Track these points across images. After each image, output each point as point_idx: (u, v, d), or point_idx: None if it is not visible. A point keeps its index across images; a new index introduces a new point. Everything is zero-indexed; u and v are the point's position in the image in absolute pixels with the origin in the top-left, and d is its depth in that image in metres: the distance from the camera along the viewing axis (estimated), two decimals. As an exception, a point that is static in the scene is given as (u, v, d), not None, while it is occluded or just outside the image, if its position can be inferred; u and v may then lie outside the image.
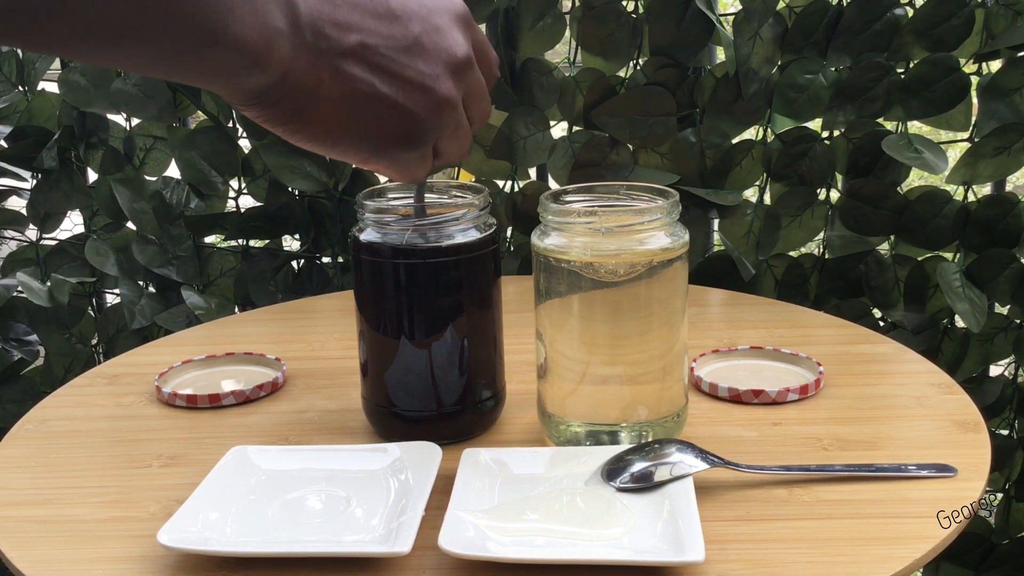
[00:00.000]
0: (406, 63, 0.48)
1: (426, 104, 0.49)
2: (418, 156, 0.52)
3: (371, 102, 0.47)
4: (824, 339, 0.92)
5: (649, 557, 0.55)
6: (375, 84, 0.47)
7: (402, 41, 0.47)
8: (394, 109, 0.48)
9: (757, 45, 1.15)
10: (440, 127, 0.51)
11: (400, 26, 0.47)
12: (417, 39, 0.48)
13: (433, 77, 0.49)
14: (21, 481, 0.70)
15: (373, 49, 0.47)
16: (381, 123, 0.49)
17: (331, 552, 0.57)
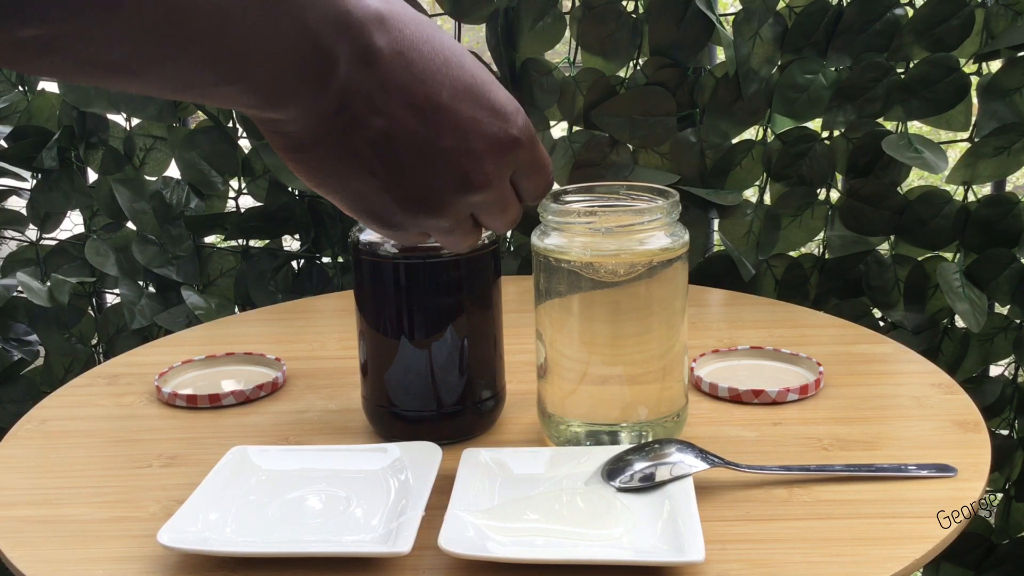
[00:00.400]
0: (415, 165, 0.44)
1: (410, 203, 0.45)
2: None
3: (362, 178, 0.44)
4: (824, 339, 0.92)
5: (649, 557, 0.55)
6: (374, 168, 0.43)
7: (426, 146, 0.43)
8: (380, 191, 0.44)
9: (757, 45, 1.15)
10: (417, 226, 0.47)
11: (432, 129, 0.43)
12: (442, 152, 0.44)
13: (432, 190, 0.45)
14: (21, 481, 0.70)
15: (393, 140, 0.43)
16: (365, 195, 0.45)
17: (331, 552, 0.57)
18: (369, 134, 0.42)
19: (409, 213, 0.45)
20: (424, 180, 0.44)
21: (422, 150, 0.43)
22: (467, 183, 0.45)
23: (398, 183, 0.44)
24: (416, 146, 0.43)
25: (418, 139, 0.43)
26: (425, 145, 0.43)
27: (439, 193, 0.45)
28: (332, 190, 0.45)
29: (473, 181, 0.45)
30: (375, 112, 0.42)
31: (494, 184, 0.46)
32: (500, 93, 0.46)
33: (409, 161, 0.43)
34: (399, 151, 0.43)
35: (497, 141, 0.45)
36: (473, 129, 0.44)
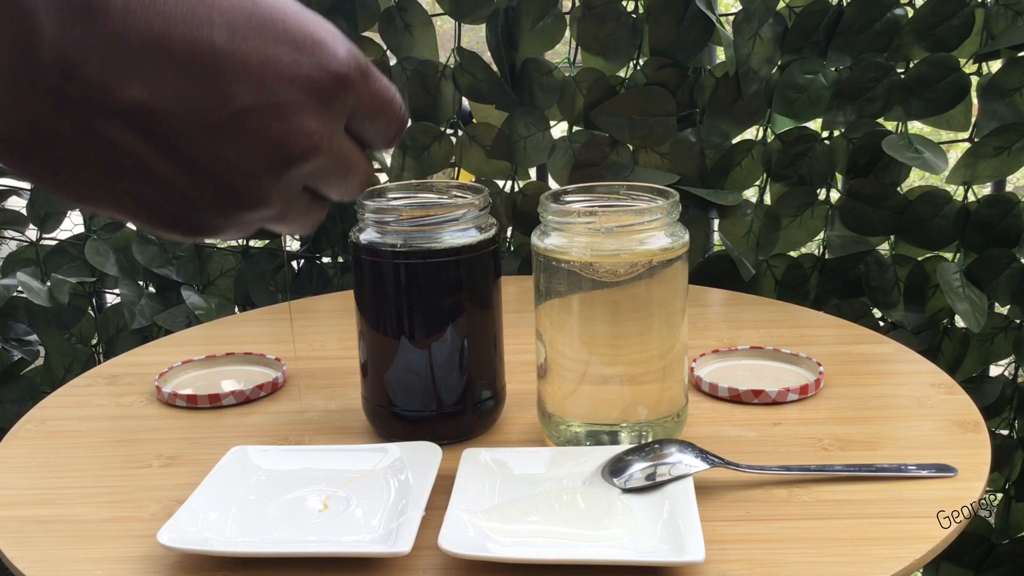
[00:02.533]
0: (206, 145, 0.31)
1: (222, 201, 0.33)
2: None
3: (135, 178, 0.32)
4: (824, 339, 0.92)
5: (649, 557, 0.55)
6: (148, 162, 0.31)
7: (212, 115, 0.31)
8: (169, 193, 0.32)
9: (757, 45, 1.15)
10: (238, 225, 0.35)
11: (218, 93, 0.31)
12: (237, 116, 0.31)
13: (243, 172, 0.32)
14: (21, 481, 0.70)
15: (159, 117, 0.30)
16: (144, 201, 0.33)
17: (331, 552, 0.57)
18: (121, 114, 0.30)
19: (221, 211, 0.34)
20: (225, 162, 0.32)
21: (209, 120, 0.31)
22: (285, 151, 0.33)
23: (190, 175, 0.32)
24: (198, 117, 0.31)
25: (198, 106, 0.31)
26: (210, 112, 0.31)
27: (252, 175, 0.33)
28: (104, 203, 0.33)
29: (293, 146, 0.33)
30: (119, 81, 0.29)
31: (323, 143, 0.34)
32: (304, 18, 0.33)
33: (196, 140, 0.31)
34: (176, 129, 0.31)
35: (314, 84, 0.33)
36: (275, 74, 0.32)
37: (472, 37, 1.37)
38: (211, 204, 0.33)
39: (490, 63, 1.22)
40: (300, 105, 0.33)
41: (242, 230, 0.36)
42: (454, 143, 1.27)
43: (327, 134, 0.34)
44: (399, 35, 1.23)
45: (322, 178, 0.36)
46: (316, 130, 0.33)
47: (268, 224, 0.36)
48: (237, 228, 0.35)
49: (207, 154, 0.32)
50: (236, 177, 0.32)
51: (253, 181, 0.33)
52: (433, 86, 1.25)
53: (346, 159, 0.36)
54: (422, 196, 0.74)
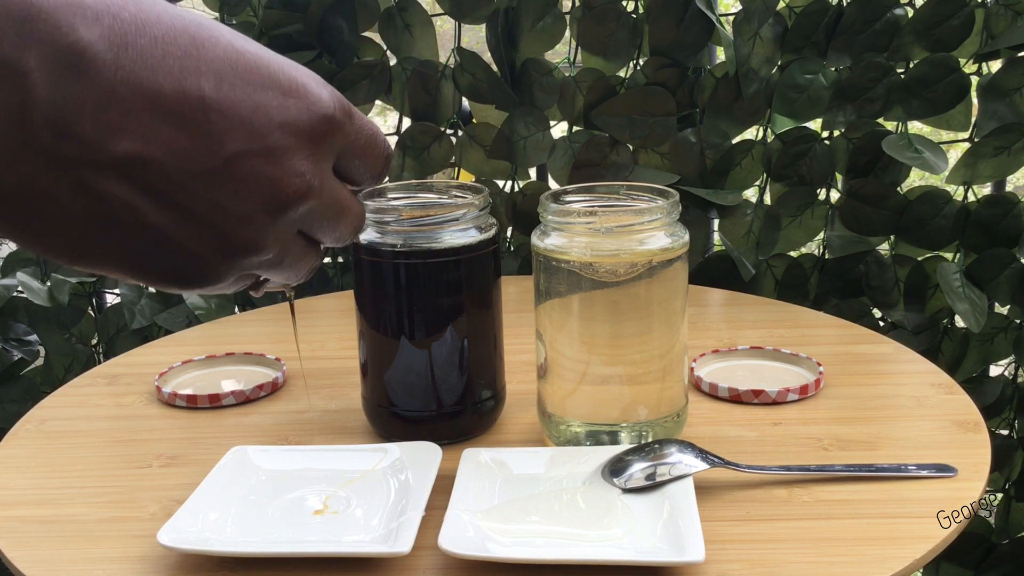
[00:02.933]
0: (200, 193, 0.32)
1: (218, 248, 0.34)
2: (205, 288, 0.36)
3: (130, 231, 0.32)
4: (824, 339, 0.92)
5: (649, 557, 0.55)
6: (142, 211, 0.32)
7: (204, 163, 0.32)
8: (165, 244, 0.33)
9: (757, 45, 1.15)
10: (239, 270, 0.35)
11: (209, 141, 0.32)
12: (229, 162, 0.32)
13: (238, 217, 0.33)
14: (21, 481, 0.70)
15: (152, 167, 0.31)
16: (140, 256, 0.33)
17: (331, 552, 0.57)
18: (114, 167, 0.30)
19: (218, 259, 0.34)
20: (220, 209, 0.33)
21: (202, 168, 0.32)
22: (279, 194, 0.34)
23: (186, 224, 0.32)
24: (191, 165, 0.31)
25: (190, 154, 0.31)
26: (203, 160, 0.32)
27: (247, 219, 0.33)
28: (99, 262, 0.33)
29: (286, 188, 0.34)
30: (111, 135, 0.30)
31: (314, 183, 0.35)
32: (287, 64, 0.35)
33: (190, 189, 0.32)
34: (170, 179, 0.31)
35: (302, 126, 0.34)
36: (264, 120, 0.33)
37: (472, 37, 1.37)
38: (208, 252, 0.34)
39: (490, 63, 1.22)
40: (290, 148, 0.34)
41: (240, 280, 0.37)
42: (454, 143, 1.27)
43: (318, 174, 0.35)
44: (399, 35, 1.23)
45: (316, 221, 0.37)
46: (307, 171, 0.34)
47: (265, 271, 0.37)
48: (235, 277, 0.36)
49: (201, 202, 0.32)
50: (231, 223, 0.33)
51: (248, 226, 0.34)
52: (433, 86, 1.25)
53: (338, 200, 0.37)
54: (422, 196, 0.74)
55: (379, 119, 2.96)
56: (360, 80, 1.23)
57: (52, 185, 0.30)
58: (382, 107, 1.52)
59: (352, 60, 1.23)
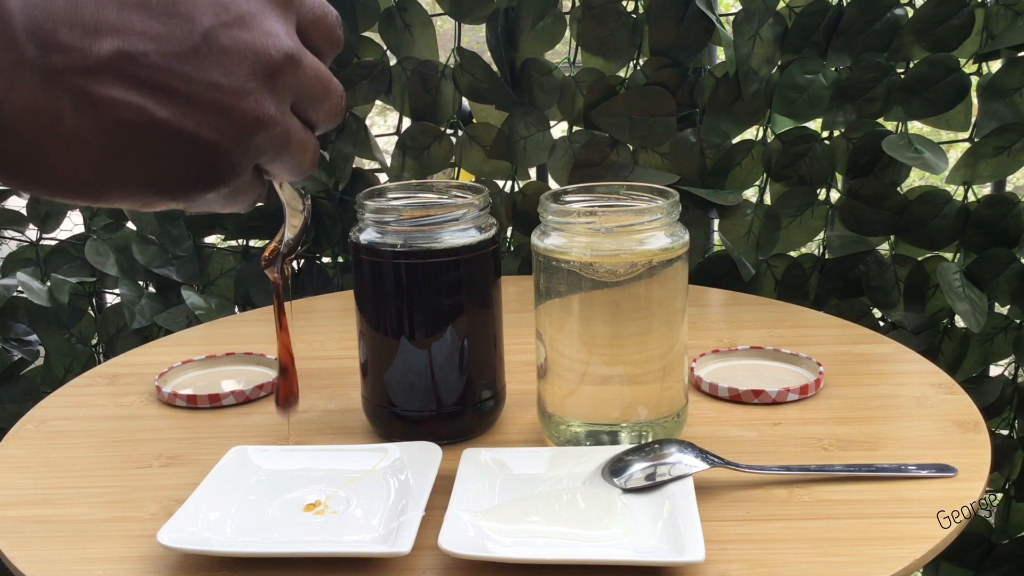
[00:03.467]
0: (192, 75, 0.33)
1: (229, 130, 0.34)
2: (231, 192, 0.37)
3: (143, 135, 0.33)
4: (824, 339, 0.92)
5: (649, 557, 0.55)
6: (146, 109, 0.32)
7: (184, 43, 0.33)
8: (180, 140, 0.34)
9: (757, 45, 1.15)
10: (255, 153, 0.36)
11: (181, 21, 0.33)
12: (208, 37, 0.33)
13: (235, 91, 0.34)
14: (21, 481, 0.70)
15: (139, 59, 0.32)
16: (163, 162, 0.34)
17: (331, 552, 0.57)
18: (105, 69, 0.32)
19: (236, 141, 0.35)
20: (215, 86, 0.34)
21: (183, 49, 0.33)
22: (264, 57, 0.34)
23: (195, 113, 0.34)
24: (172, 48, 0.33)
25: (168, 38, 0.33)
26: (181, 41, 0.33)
27: (243, 91, 0.34)
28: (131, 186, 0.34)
29: (269, 50, 0.35)
30: (95, 33, 0.32)
31: (293, 46, 0.35)
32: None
33: (180, 72, 0.33)
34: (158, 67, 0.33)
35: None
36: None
37: (472, 37, 1.36)
38: (220, 136, 0.34)
39: (490, 63, 1.22)
40: (260, 12, 0.35)
41: (256, 178, 0.38)
42: (454, 143, 1.27)
43: (291, 36, 0.36)
44: (399, 35, 1.23)
45: (305, 93, 0.37)
46: (281, 32, 0.35)
47: (275, 156, 0.37)
48: (251, 162, 0.36)
49: (196, 84, 0.33)
50: (230, 99, 0.34)
51: (248, 97, 0.34)
52: (433, 86, 1.25)
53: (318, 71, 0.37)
54: (422, 196, 0.74)
55: (379, 119, 2.96)
56: (360, 80, 1.23)
57: (54, 103, 0.31)
58: (382, 107, 1.52)
59: (352, 60, 1.23)
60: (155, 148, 0.33)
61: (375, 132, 1.34)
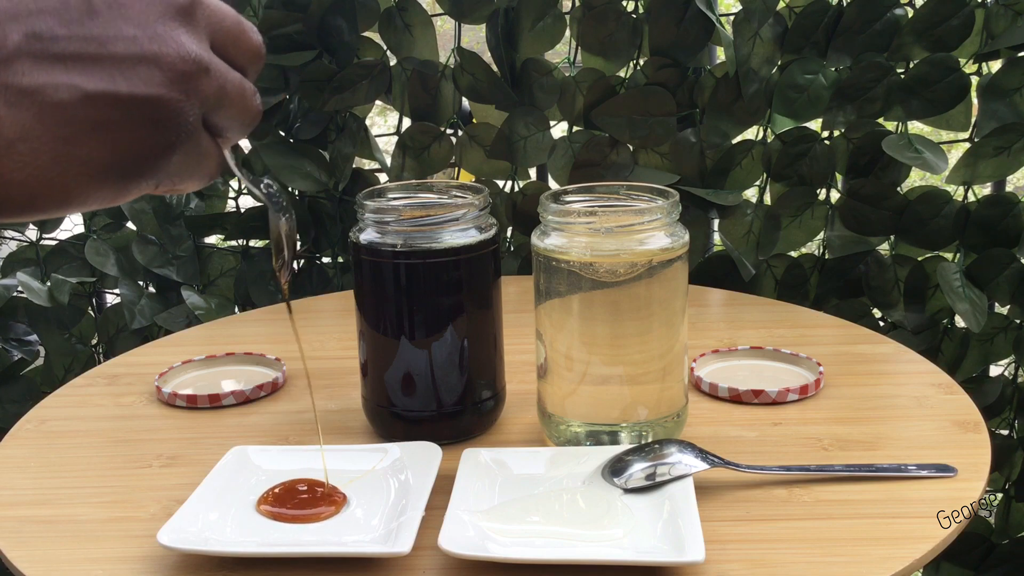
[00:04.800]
0: (103, 35, 0.32)
1: (163, 79, 0.33)
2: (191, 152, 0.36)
3: (84, 110, 0.32)
4: (824, 339, 0.92)
5: (649, 557, 0.55)
6: (76, 84, 0.31)
7: (83, 7, 0.32)
8: (121, 105, 0.32)
9: (757, 45, 1.15)
10: (200, 98, 0.35)
11: None
12: (132, 43, 0.32)
13: (152, 38, 0.33)
14: (21, 481, 0.70)
15: (47, 36, 0.31)
16: (114, 134, 0.33)
17: (331, 552, 0.57)
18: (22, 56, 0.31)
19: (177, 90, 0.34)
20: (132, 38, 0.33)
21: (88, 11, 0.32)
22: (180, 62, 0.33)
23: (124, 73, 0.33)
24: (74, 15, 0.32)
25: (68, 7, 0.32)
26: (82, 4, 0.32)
27: (164, 35, 0.33)
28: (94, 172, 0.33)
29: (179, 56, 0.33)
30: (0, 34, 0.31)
31: (205, 59, 0.34)
32: None
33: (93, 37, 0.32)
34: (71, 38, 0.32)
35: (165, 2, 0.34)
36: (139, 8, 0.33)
37: (472, 37, 1.37)
38: (160, 88, 0.33)
39: (490, 63, 1.22)
40: (165, 23, 0.33)
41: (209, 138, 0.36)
42: (454, 143, 1.27)
43: (204, 49, 0.35)
44: (399, 35, 1.23)
45: (217, 31, 0.36)
46: (190, 45, 0.34)
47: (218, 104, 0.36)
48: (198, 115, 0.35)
49: (111, 42, 0.32)
50: (152, 46, 0.33)
51: (168, 39, 0.33)
52: (433, 86, 1.25)
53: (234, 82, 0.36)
54: (422, 196, 0.74)
55: (379, 119, 2.96)
56: (360, 80, 1.23)
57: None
58: (382, 107, 1.52)
59: (352, 60, 1.23)
60: (102, 121, 0.32)
61: (375, 132, 1.34)
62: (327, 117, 1.26)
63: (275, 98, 1.26)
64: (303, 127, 1.27)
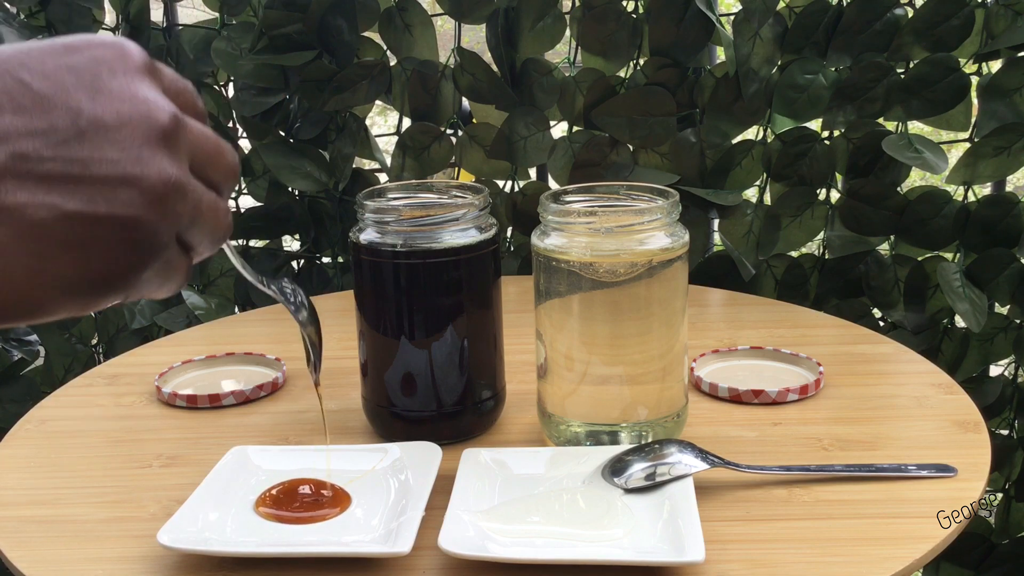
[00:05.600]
0: (87, 157, 0.33)
1: (141, 200, 0.34)
2: (161, 268, 0.36)
3: (61, 230, 0.32)
4: (824, 339, 0.92)
5: (649, 557, 0.55)
6: (56, 204, 0.32)
7: (70, 130, 0.33)
8: (99, 225, 0.33)
9: (757, 45, 1.15)
10: (174, 218, 0.35)
11: (60, 111, 0.33)
12: (90, 118, 0.33)
13: (134, 161, 0.34)
14: (21, 481, 0.70)
15: (32, 156, 0.32)
16: (90, 252, 0.33)
17: (331, 552, 0.57)
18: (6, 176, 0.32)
19: (152, 210, 0.35)
20: (113, 161, 0.34)
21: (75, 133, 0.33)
22: (154, 120, 0.35)
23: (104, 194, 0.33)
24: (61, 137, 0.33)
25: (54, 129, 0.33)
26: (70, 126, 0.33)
27: (145, 158, 0.34)
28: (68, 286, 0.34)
29: (156, 114, 0.35)
30: None
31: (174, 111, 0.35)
32: (80, 34, 0.36)
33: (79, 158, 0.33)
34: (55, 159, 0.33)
35: (133, 62, 0.35)
36: (97, 74, 0.34)
37: (472, 37, 1.37)
38: (137, 209, 0.34)
39: (490, 63, 1.22)
40: (131, 83, 0.35)
41: (182, 251, 0.37)
42: (454, 143, 1.27)
43: (168, 101, 0.36)
44: (399, 35, 1.23)
45: (198, 153, 0.37)
46: (158, 96, 0.35)
47: (192, 220, 0.37)
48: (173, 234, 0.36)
49: (94, 164, 0.33)
50: (132, 169, 0.34)
51: (149, 163, 0.34)
52: (433, 86, 1.25)
53: (202, 134, 0.37)
54: (422, 196, 0.74)
55: (379, 119, 2.96)
56: (360, 80, 1.23)
57: None
58: (382, 107, 1.52)
59: (352, 60, 1.23)
60: (78, 240, 0.33)
61: (375, 132, 1.34)
62: (327, 117, 1.26)
63: (275, 98, 1.26)
64: (303, 127, 1.27)
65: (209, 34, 1.26)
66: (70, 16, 1.28)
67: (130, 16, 1.27)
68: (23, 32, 1.25)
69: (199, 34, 1.26)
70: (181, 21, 1.33)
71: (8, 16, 1.25)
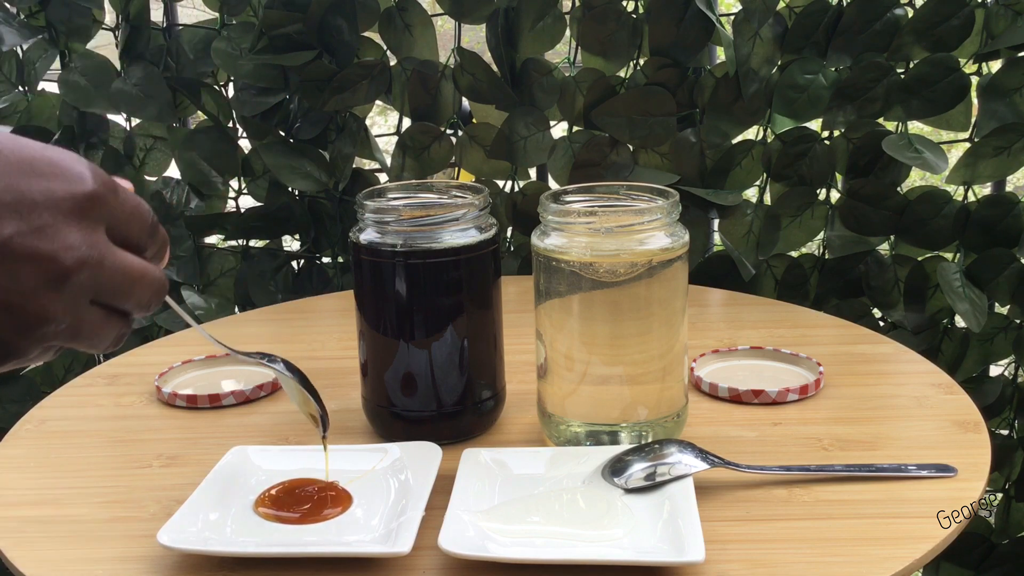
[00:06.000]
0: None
1: (11, 325, 0.37)
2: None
3: None
4: (824, 339, 0.92)
5: (649, 557, 0.55)
6: None
7: None
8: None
9: (757, 45, 1.15)
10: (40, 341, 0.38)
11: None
12: (5, 245, 0.36)
13: (21, 293, 0.36)
14: (21, 481, 0.70)
15: None
16: None
17: (331, 552, 0.57)
18: None
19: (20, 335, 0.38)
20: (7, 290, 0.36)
21: None
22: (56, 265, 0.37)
23: None
24: None
25: None
26: None
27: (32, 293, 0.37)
28: None
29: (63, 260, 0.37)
30: None
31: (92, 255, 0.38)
32: (44, 149, 0.38)
33: None
34: None
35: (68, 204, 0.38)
36: (30, 204, 0.37)
37: (472, 37, 1.37)
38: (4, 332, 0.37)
39: (490, 63, 1.22)
40: (59, 224, 0.37)
41: (44, 351, 0.40)
42: (454, 143, 1.27)
43: (94, 245, 0.38)
44: (399, 35, 1.23)
45: (106, 290, 0.39)
46: (79, 243, 0.38)
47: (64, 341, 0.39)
48: (38, 348, 0.39)
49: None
50: (18, 299, 0.36)
51: (36, 299, 0.37)
52: (433, 86, 1.25)
53: (125, 268, 0.40)
54: (422, 196, 0.74)
55: (379, 119, 2.96)
56: (360, 80, 1.23)
57: None
58: (382, 107, 1.52)
59: (352, 60, 1.23)
60: None
61: (375, 132, 1.34)
62: (327, 117, 1.26)
63: (275, 98, 1.26)
64: (303, 127, 1.27)
65: (209, 34, 1.26)
66: (70, 16, 1.28)
67: (130, 16, 1.27)
68: (23, 32, 1.25)
69: (199, 34, 1.26)
70: (181, 21, 1.33)
71: (8, 16, 1.25)
